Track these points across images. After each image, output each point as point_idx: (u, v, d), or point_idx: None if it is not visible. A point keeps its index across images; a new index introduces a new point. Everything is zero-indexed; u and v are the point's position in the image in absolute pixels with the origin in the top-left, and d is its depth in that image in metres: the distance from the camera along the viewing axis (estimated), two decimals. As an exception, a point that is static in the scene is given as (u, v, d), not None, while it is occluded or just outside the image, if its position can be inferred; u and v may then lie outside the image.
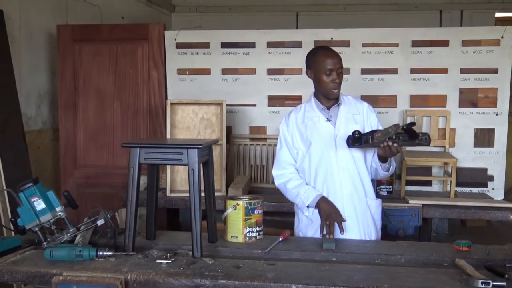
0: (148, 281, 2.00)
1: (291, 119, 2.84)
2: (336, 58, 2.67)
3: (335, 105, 2.77)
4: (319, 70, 2.69)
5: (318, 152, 2.73)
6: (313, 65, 2.73)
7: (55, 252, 2.17)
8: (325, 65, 2.66)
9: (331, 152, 2.71)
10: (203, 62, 4.50)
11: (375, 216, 2.79)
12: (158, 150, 2.32)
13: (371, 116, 2.80)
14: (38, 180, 2.34)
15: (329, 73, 2.66)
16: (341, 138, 2.69)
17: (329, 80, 2.67)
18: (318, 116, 2.76)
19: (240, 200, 2.50)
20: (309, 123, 2.77)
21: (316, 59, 2.72)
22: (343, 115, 2.74)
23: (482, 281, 1.91)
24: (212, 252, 2.35)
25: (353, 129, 2.69)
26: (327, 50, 2.74)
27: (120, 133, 4.55)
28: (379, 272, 2.10)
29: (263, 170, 4.31)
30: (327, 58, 2.67)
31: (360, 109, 2.79)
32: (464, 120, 4.21)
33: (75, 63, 4.57)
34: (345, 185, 2.70)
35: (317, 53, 2.75)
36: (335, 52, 2.73)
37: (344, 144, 2.67)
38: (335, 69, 2.66)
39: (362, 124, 2.76)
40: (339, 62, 2.67)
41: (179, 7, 7.53)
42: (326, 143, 2.72)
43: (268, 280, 1.97)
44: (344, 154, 2.70)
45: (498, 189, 4.16)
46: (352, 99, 2.83)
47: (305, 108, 2.83)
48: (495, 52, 4.14)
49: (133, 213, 2.30)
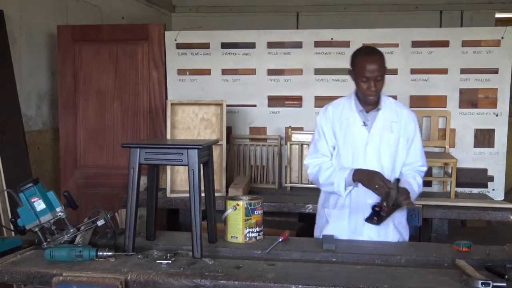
0: (148, 281, 2.00)
1: (329, 113, 2.70)
2: (375, 65, 2.50)
3: (374, 110, 2.63)
4: (357, 75, 2.56)
5: (348, 155, 2.63)
6: (353, 66, 2.60)
7: (55, 252, 2.17)
8: (362, 72, 2.52)
9: (360, 159, 2.61)
10: (203, 63, 4.50)
11: (399, 226, 2.68)
12: (158, 150, 2.32)
13: (409, 126, 2.65)
14: (38, 180, 2.34)
15: (365, 80, 2.53)
16: (372, 146, 2.60)
17: (365, 87, 2.54)
18: (354, 118, 2.64)
19: (240, 201, 2.49)
20: (344, 123, 2.65)
21: (356, 62, 2.57)
22: (380, 122, 2.61)
23: (482, 282, 1.90)
24: (212, 252, 2.35)
25: (388, 137, 2.60)
26: (368, 56, 2.55)
27: (120, 133, 4.55)
28: (379, 273, 2.09)
29: (263, 171, 4.31)
30: (366, 64, 2.51)
31: (399, 116, 2.64)
32: (464, 120, 4.21)
33: (75, 63, 4.57)
34: (369, 194, 2.57)
35: (358, 56, 2.59)
36: (377, 57, 2.54)
37: (374, 153, 2.59)
38: (373, 77, 2.51)
39: (398, 134, 2.62)
40: (379, 70, 2.51)
41: (179, 8, 7.53)
42: (358, 149, 2.61)
43: (268, 281, 1.96)
44: (373, 163, 2.58)
45: (498, 189, 4.16)
46: (393, 103, 2.68)
47: (344, 106, 2.69)
48: (495, 53, 4.15)
49: (133, 213, 2.30)
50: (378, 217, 2.24)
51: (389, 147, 2.62)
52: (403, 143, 2.64)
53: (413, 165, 2.68)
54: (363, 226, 2.60)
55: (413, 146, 2.68)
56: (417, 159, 2.69)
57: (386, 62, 2.57)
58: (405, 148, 2.65)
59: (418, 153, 2.69)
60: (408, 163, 2.68)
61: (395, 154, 2.63)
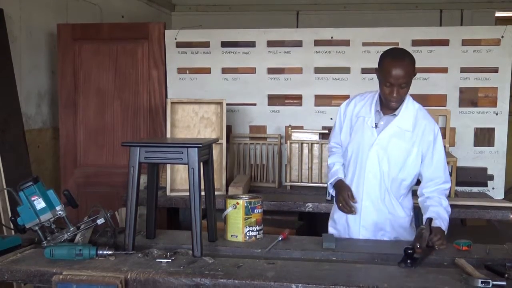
0: (148, 280, 2.00)
1: (351, 106, 2.67)
2: (400, 71, 2.38)
3: (391, 114, 2.56)
4: (382, 78, 2.47)
5: (353, 150, 2.63)
6: (379, 68, 2.50)
7: (55, 251, 2.16)
8: (387, 77, 2.42)
9: (363, 159, 2.58)
10: (203, 61, 4.50)
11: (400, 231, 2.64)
12: (158, 149, 2.32)
13: (427, 137, 2.53)
14: (38, 179, 2.34)
15: (389, 85, 2.43)
16: (377, 149, 2.55)
17: (387, 92, 2.45)
18: (369, 117, 2.58)
19: (240, 199, 2.49)
20: (360, 119, 2.61)
21: (383, 64, 2.47)
22: (392, 128, 2.53)
23: (482, 281, 1.91)
24: (212, 251, 2.35)
25: (397, 145, 2.53)
26: (395, 60, 2.43)
27: (120, 132, 4.55)
28: (379, 271, 2.09)
29: (263, 169, 4.31)
30: (392, 70, 2.39)
31: (417, 126, 2.53)
32: (464, 119, 4.21)
33: (75, 62, 4.56)
34: (365, 196, 2.60)
35: (386, 58, 2.48)
36: (405, 63, 2.42)
37: (377, 156, 2.54)
38: (397, 84, 2.40)
39: (411, 144, 2.52)
40: (404, 77, 2.39)
41: (179, 6, 7.52)
42: (363, 148, 2.58)
43: (268, 279, 1.96)
44: (373, 166, 2.56)
45: (498, 188, 4.16)
46: (416, 112, 2.56)
47: (367, 100, 2.63)
48: (495, 52, 4.14)
49: (133, 212, 2.30)
50: (411, 260, 2.12)
51: (394, 155, 2.54)
52: (416, 154, 2.54)
53: (436, 181, 2.58)
54: (359, 227, 2.64)
55: (435, 160, 2.56)
56: (440, 175, 2.58)
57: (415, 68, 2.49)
58: (418, 160, 2.55)
59: (441, 169, 2.58)
60: (430, 178, 2.59)
61: (402, 163, 2.55)
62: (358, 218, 2.63)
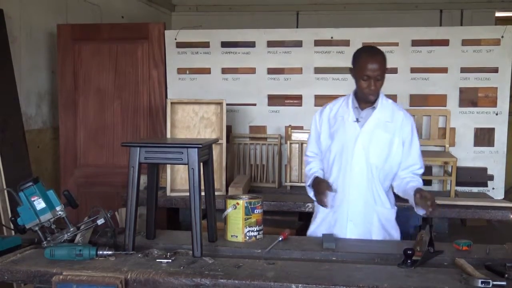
0: (148, 280, 2.00)
1: (326, 111, 2.79)
2: (376, 65, 2.55)
3: (370, 108, 2.67)
4: (358, 74, 2.60)
5: (337, 149, 2.69)
6: (354, 65, 2.64)
7: (55, 251, 2.17)
8: (364, 71, 2.56)
9: (348, 153, 2.64)
10: (203, 62, 4.50)
11: (386, 225, 2.71)
12: (158, 149, 2.32)
13: (406, 128, 2.67)
14: (38, 179, 2.33)
15: (366, 79, 2.57)
16: (362, 141, 2.62)
17: (365, 86, 2.59)
18: (348, 114, 2.68)
19: (240, 200, 2.49)
20: (339, 119, 2.71)
21: (357, 61, 2.62)
22: (373, 120, 2.64)
23: (482, 281, 1.91)
24: (212, 251, 2.34)
25: (380, 136, 2.63)
26: (369, 55, 2.60)
27: (120, 132, 4.55)
28: (379, 272, 2.09)
29: (263, 170, 4.31)
30: (367, 63, 2.55)
31: (395, 117, 2.67)
32: (464, 119, 4.21)
33: (75, 63, 4.57)
34: (354, 188, 2.65)
35: (360, 55, 2.63)
36: (379, 57, 2.59)
37: (363, 149, 2.62)
38: (373, 76, 2.56)
39: (393, 134, 2.64)
40: (379, 69, 2.56)
41: (179, 7, 7.53)
42: (347, 143, 2.65)
43: (268, 280, 1.96)
44: (360, 159, 2.63)
45: (498, 188, 4.16)
46: (391, 105, 2.71)
47: (341, 104, 2.75)
48: (495, 52, 4.14)
49: (133, 212, 2.29)
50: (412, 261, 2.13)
51: (379, 146, 2.64)
52: (398, 144, 2.65)
53: (411, 169, 2.69)
54: (347, 221, 2.67)
55: (412, 149, 2.69)
56: (415, 162, 2.70)
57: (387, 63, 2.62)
58: (400, 149, 2.66)
59: (416, 156, 2.70)
60: (406, 166, 2.69)
61: (387, 154, 2.65)
62: (346, 213, 2.67)
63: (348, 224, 2.67)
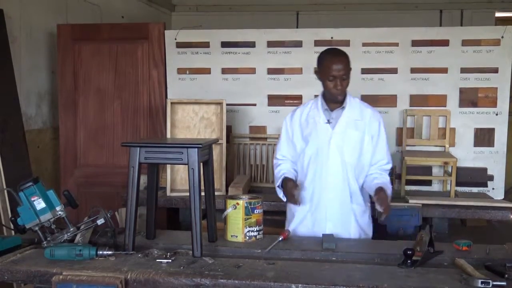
0: (148, 280, 2.00)
1: (296, 115, 2.86)
2: (340, 65, 2.65)
3: (339, 108, 2.76)
4: (324, 75, 2.69)
5: (312, 151, 2.76)
6: (320, 68, 2.74)
7: (55, 251, 2.17)
8: (329, 72, 2.65)
9: (323, 155, 2.73)
10: (203, 62, 4.50)
11: (361, 223, 2.79)
12: (158, 149, 2.32)
13: (373, 124, 2.77)
14: (38, 179, 2.33)
15: (332, 79, 2.66)
16: (335, 142, 2.71)
17: (332, 86, 2.67)
18: (319, 116, 2.77)
19: (240, 200, 2.49)
20: (311, 122, 2.79)
21: (322, 63, 2.71)
22: (344, 119, 2.73)
23: (482, 281, 1.91)
24: (212, 251, 2.34)
25: (352, 135, 2.72)
26: (333, 56, 2.71)
27: (120, 132, 4.55)
28: (379, 272, 2.09)
29: (263, 170, 4.31)
30: (332, 64, 2.65)
31: (364, 114, 2.76)
32: (464, 119, 4.21)
33: (75, 63, 4.57)
34: (331, 188, 2.73)
35: (325, 57, 2.73)
36: (343, 57, 2.69)
37: (337, 149, 2.70)
38: (339, 76, 2.65)
39: (363, 132, 2.74)
40: (344, 69, 2.65)
41: (179, 7, 7.53)
42: (321, 145, 2.74)
43: (268, 280, 1.96)
44: (335, 159, 2.72)
45: (498, 188, 4.15)
46: (358, 103, 2.80)
47: (311, 107, 2.84)
48: (495, 52, 4.14)
49: (133, 212, 2.29)
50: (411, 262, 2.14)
51: (352, 144, 2.73)
52: (368, 141, 2.75)
53: (379, 164, 2.78)
54: (325, 221, 2.72)
55: (379, 145, 2.78)
56: (383, 157, 2.79)
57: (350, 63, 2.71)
58: (370, 146, 2.76)
59: (383, 152, 2.79)
60: (374, 162, 2.78)
61: (359, 151, 2.74)
62: (324, 213, 2.73)
63: (327, 224, 2.72)
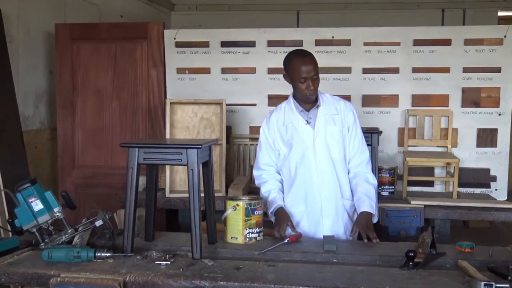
0: (147, 282, 1.98)
1: (272, 121, 2.83)
2: (310, 66, 2.63)
3: (314, 107, 2.75)
4: (294, 78, 2.67)
5: (298, 154, 2.75)
6: (288, 71, 2.71)
7: (53, 253, 2.15)
8: (299, 74, 2.63)
9: (310, 155, 2.72)
10: (203, 61, 4.48)
11: (353, 217, 2.80)
12: (157, 150, 2.30)
13: (348, 115, 2.78)
14: (36, 180, 2.32)
15: (303, 81, 2.64)
16: (320, 140, 2.71)
17: (304, 87, 2.66)
18: (297, 119, 2.75)
19: (240, 201, 2.48)
20: (289, 126, 2.77)
21: (290, 66, 2.69)
22: (322, 117, 2.73)
23: (484, 283, 1.89)
24: (212, 253, 2.33)
25: (332, 130, 2.72)
26: (301, 57, 2.69)
27: (119, 132, 4.53)
28: (380, 274, 2.08)
29: (263, 170, 4.28)
30: (301, 66, 2.63)
31: (338, 108, 2.78)
32: (467, 120, 4.19)
33: (74, 62, 4.55)
34: (323, 187, 2.73)
35: (292, 60, 2.70)
36: (310, 58, 2.67)
37: (322, 147, 2.71)
38: (310, 77, 2.63)
39: (341, 125, 2.75)
40: (314, 69, 2.63)
41: (178, 6, 7.52)
42: (306, 146, 2.73)
43: (269, 282, 1.95)
44: (322, 157, 2.72)
45: (501, 189, 4.14)
46: (330, 98, 2.81)
47: (285, 109, 2.81)
48: (498, 51, 4.13)
49: (131, 213, 2.28)
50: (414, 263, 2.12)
51: (336, 139, 2.74)
52: (346, 133, 2.78)
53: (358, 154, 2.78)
54: (322, 218, 2.73)
55: (355, 135, 2.79)
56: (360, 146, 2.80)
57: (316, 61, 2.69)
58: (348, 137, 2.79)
59: (361, 141, 2.81)
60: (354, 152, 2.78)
61: (342, 145, 2.76)
62: (320, 211, 2.73)
63: (324, 221, 2.73)
